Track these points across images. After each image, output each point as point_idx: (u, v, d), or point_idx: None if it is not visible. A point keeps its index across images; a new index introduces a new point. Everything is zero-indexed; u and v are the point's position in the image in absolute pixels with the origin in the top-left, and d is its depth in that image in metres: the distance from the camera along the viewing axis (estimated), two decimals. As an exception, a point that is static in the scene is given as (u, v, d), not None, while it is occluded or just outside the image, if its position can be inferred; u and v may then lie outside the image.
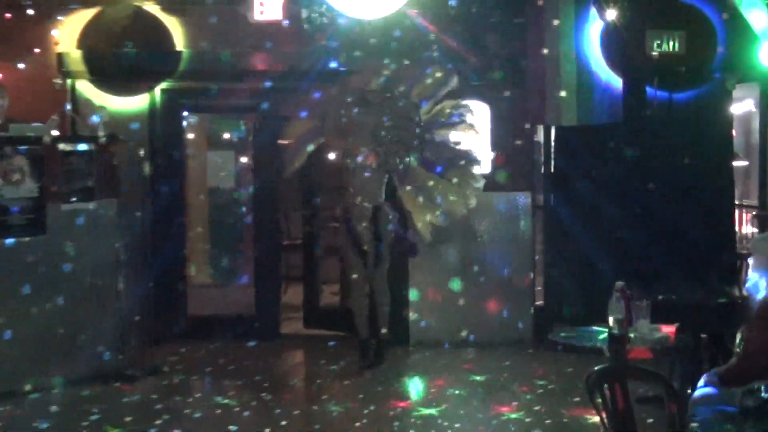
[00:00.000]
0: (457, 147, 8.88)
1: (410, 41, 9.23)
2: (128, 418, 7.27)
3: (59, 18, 9.50)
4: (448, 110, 8.89)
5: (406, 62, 8.99)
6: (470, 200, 8.83)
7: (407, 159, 8.70)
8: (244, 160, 9.47)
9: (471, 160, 8.88)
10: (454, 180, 8.78)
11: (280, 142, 9.34)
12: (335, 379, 8.41)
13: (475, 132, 8.91)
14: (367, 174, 8.53)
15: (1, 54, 9.40)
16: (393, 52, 9.19)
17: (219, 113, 9.41)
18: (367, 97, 8.79)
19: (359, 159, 8.55)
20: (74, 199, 8.08)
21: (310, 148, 9.00)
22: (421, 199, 8.74)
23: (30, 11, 9.39)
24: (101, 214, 8.26)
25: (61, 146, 8.05)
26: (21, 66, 9.42)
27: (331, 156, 9.03)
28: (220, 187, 9.93)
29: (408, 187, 8.75)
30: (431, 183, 8.77)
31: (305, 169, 9.30)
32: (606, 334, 5.71)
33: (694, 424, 4.49)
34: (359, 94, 8.79)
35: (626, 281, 5.75)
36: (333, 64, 9.22)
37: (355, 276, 8.77)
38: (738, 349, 5.14)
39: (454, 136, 8.88)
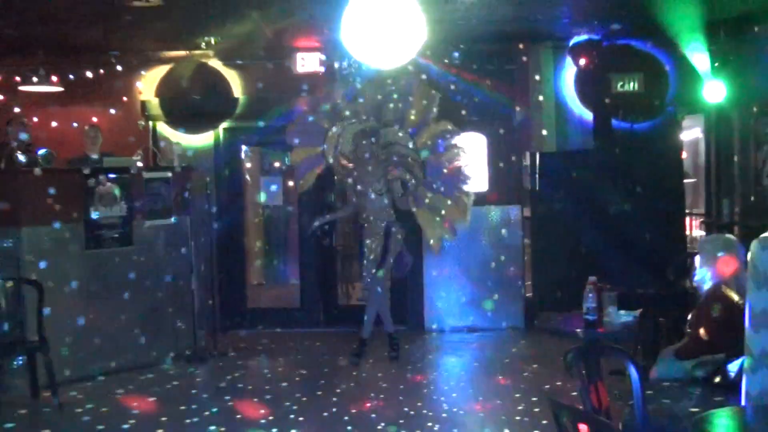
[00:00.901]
0: (451, 169, 8.42)
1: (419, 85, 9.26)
2: (201, 393, 7.34)
3: (142, 72, 9.57)
4: (438, 134, 8.37)
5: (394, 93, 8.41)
6: (467, 215, 8.44)
7: (412, 182, 8.28)
8: (290, 183, 9.49)
9: (463, 180, 8.44)
10: (449, 202, 8.35)
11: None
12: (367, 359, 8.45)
13: (464, 154, 8.39)
14: (376, 196, 8.09)
15: (97, 102, 9.50)
16: (405, 93, 9.22)
17: (269, 146, 9.45)
18: (366, 129, 8.27)
19: (366, 186, 8.10)
20: (155, 217, 8.10)
21: (316, 171, 8.57)
22: (430, 217, 8.38)
23: (119, 67, 9.46)
24: (177, 228, 8.28)
25: (145, 174, 8.08)
26: (112, 111, 9.51)
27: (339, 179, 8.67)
28: (271, 205, 9.96)
29: (419, 208, 8.34)
30: (436, 203, 8.37)
31: (330, 187, 9.27)
32: (582, 319, 5.74)
33: (649, 392, 4.50)
34: (359, 127, 8.29)
35: (597, 276, 5.78)
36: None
37: (366, 284, 8.23)
38: (689, 330, 5.14)
39: (447, 159, 8.41)
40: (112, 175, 7.77)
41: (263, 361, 8.36)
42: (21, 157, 7.70)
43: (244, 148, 9.94)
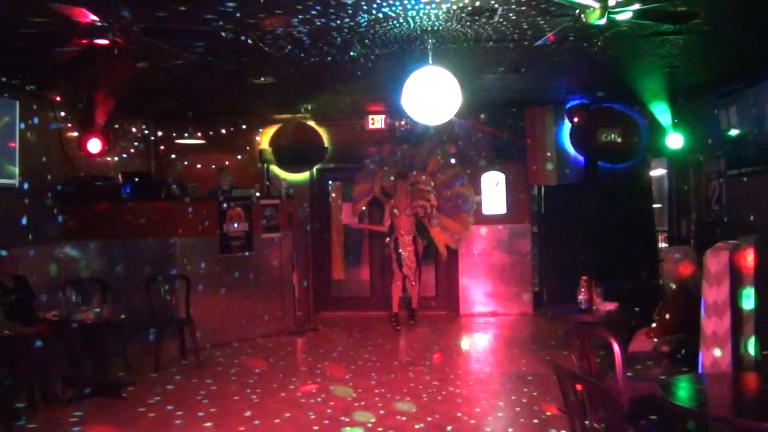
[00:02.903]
0: (458, 200, 9.05)
1: (456, 135, 9.28)
2: (301, 355, 7.41)
3: (260, 129, 9.68)
4: (448, 175, 9.06)
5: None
6: (466, 231, 9.09)
7: (429, 210, 8.90)
8: (363, 208, 9.53)
9: (466, 207, 9.04)
10: (454, 222, 9.01)
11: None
12: (414, 330, 8.44)
13: (469, 188, 9.07)
14: (406, 217, 8.72)
15: (228, 150, 9.64)
16: (447, 141, 9.29)
17: (347, 181, 9.51)
18: (401, 172, 8.98)
19: (400, 211, 8.72)
20: (268, 231, 8.18)
21: (366, 200, 9.21)
22: (439, 231, 8.98)
23: (244, 126, 9.63)
24: (283, 240, 8.34)
25: (261, 201, 8.17)
26: (239, 157, 9.68)
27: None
28: (350, 224, 10.01)
29: (433, 225, 8.98)
30: (444, 223, 9.00)
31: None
32: (576, 307, 5.65)
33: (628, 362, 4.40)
34: (399, 172, 8.98)
35: (588, 275, 5.69)
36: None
37: (396, 276, 8.81)
38: (656, 317, 5.03)
39: (456, 192, 9.05)
40: (238, 202, 7.89)
41: (343, 334, 8.38)
42: (176, 189, 7.91)
43: (330, 182, 10.03)
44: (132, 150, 9.21)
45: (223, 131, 9.62)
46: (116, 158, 8.76)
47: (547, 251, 9.37)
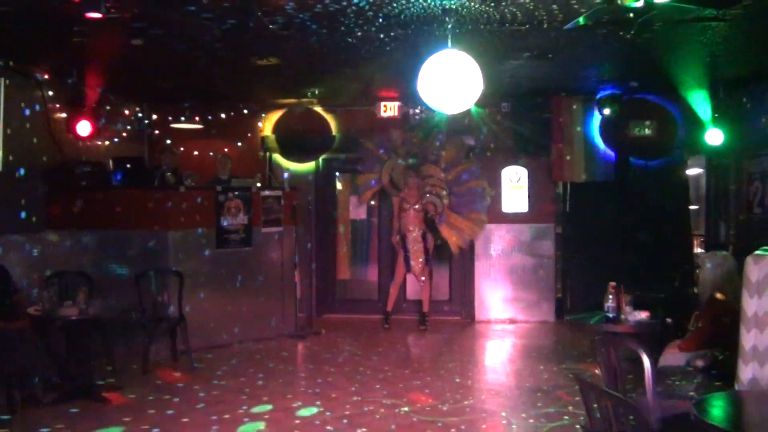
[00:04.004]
0: (471, 196, 9.05)
1: (475, 125, 9.25)
2: (300, 360, 7.42)
3: (262, 115, 9.70)
4: (463, 168, 9.05)
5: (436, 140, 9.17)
6: (480, 230, 9.11)
7: (441, 206, 8.94)
8: (372, 202, 9.54)
9: (481, 203, 9.05)
10: (466, 222, 9.02)
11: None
12: (425, 336, 8.44)
13: (483, 183, 9.06)
14: (414, 212, 8.72)
15: (228, 137, 9.69)
16: (465, 132, 9.27)
17: (355, 173, 9.50)
18: (412, 164, 9.01)
19: (410, 205, 8.75)
20: (269, 225, 8.20)
21: (373, 189, 9.30)
22: (450, 230, 9.00)
23: (245, 111, 9.65)
24: (285, 235, 8.36)
25: (262, 193, 8.17)
26: (239, 144, 9.71)
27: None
28: (357, 219, 10.01)
29: (444, 224, 9.00)
30: (455, 222, 9.00)
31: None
32: (602, 316, 5.62)
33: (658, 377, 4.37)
34: (409, 164, 9.02)
35: (616, 282, 5.66)
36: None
37: (398, 274, 8.91)
38: (691, 328, 5.00)
39: (469, 187, 9.08)
40: (237, 193, 7.90)
41: (348, 339, 8.37)
42: (170, 177, 7.93)
43: (337, 174, 10.03)
44: (124, 134, 9.24)
45: (223, 116, 9.63)
46: (107, 142, 8.79)
47: (572, 254, 9.33)
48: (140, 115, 9.63)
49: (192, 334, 6.96)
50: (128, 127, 9.35)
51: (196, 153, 9.63)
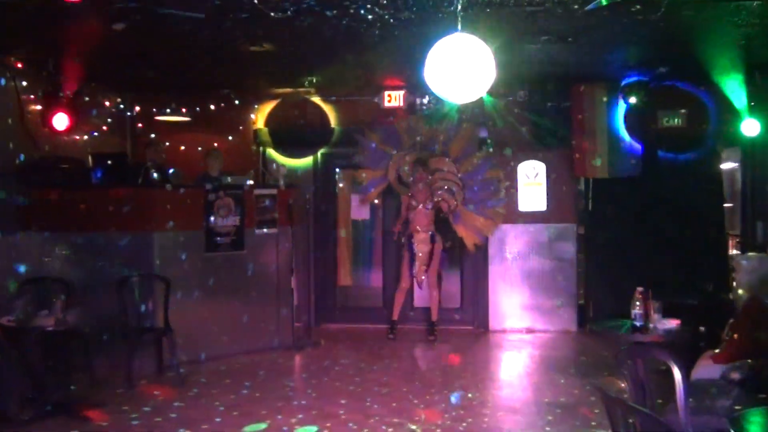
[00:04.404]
0: (486, 191, 9.03)
1: (488, 116, 9.23)
2: (297, 374, 7.42)
3: (255, 106, 9.71)
4: (476, 160, 9.03)
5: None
6: (495, 227, 9.14)
7: (454, 203, 8.92)
8: (376, 201, 9.54)
9: (496, 199, 9.03)
10: (481, 219, 9.03)
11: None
12: (434, 347, 8.45)
13: (498, 172, 9.07)
14: (425, 211, 8.74)
15: (218, 130, 9.71)
16: (477, 123, 9.26)
17: (359, 168, 9.49)
18: (420, 158, 8.96)
19: (419, 203, 8.76)
20: (263, 227, 8.20)
21: (380, 188, 9.25)
22: (467, 229, 9.01)
23: (236, 102, 9.66)
24: (280, 237, 8.34)
25: (256, 191, 8.18)
26: (230, 138, 9.72)
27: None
28: (360, 219, 10.01)
29: (459, 222, 9.00)
30: (471, 220, 9.01)
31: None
32: (629, 324, 5.62)
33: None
34: (417, 157, 8.98)
35: (644, 287, 5.65)
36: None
37: (404, 278, 8.94)
38: (726, 337, 4.99)
39: (485, 181, 9.06)
40: (228, 191, 7.91)
41: (350, 351, 8.37)
42: (155, 175, 7.94)
43: (337, 170, 10.04)
44: (104, 127, 9.27)
45: (212, 107, 9.65)
46: (86, 137, 8.81)
47: (595, 257, 9.32)
48: (122, 106, 9.64)
49: (179, 345, 6.97)
50: (109, 120, 9.38)
51: (183, 148, 9.64)
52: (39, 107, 7.80)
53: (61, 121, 7.80)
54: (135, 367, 6.75)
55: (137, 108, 9.74)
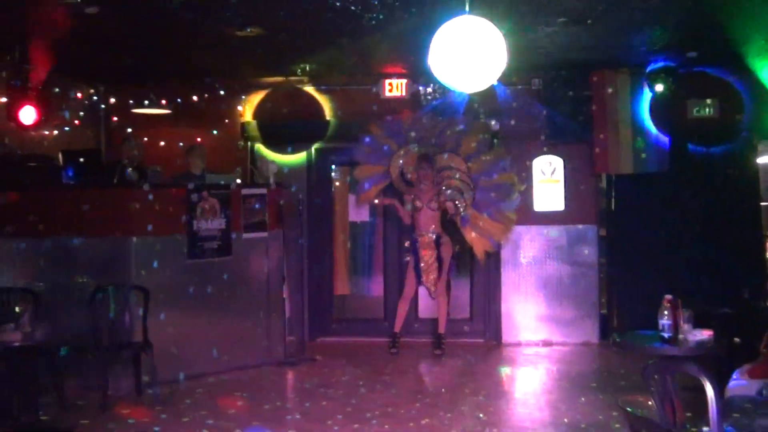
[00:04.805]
0: (498, 192, 8.93)
1: (499, 107, 9.23)
2: (292, 393, 7.41)
3: (242, 97, 9.71)
4: (489, 159, 8.95)
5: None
6: (508, 234, 9.04)
7: (463, 205, 8.83)
8: (376, 201, 9.54)
9: (507, 201, 8.92)
10: (493, 223, 8.91)
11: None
12: (442, 363, 8.44)
13: (512, 176, 8.94)
14: (430, 212, 8.73)
15: (201, 123, 9.70)
16: (487, 115, 9.27)
17: (358, 164, 9.48)
18: (426, 154, 8.90)
19: (423, 203, 8.74)
20: (251, 230, 8.18)
21: (379, 187, 9.14)
22: (475, 233, 8.90)
23: (222, 92, 9.64)
24: (271, 241, 8.35)
25: (243, 191, 8.16)
26: (215, 132, 9.71)
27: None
28: (358, 221, 10.02)
29: (468, 226, 8.89)
30: (482, 223, 8.90)
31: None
32: (657, 336, 5.60)
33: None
34: (422, 153, 8.91)
35: (673, 295, 5.63)
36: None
37: (408, 286, 8.92)
38: (764, 350, 4.97)
39: (498, 182, 8.96)
40: (213, 191, 7.89)
41: (348, 367, 8.36)
42: (132, 173, 7.94)
43: (333, 167, 10.02)
44: (76, 122, 9.27)
45: (195, 99, 9.64)
46: (55, 132, 8.81)
47: (619, 261, 9.33)
48: (96, 98, 9.65)
49: (159, 362, 6.95)
50: (81, 114, 9.37)
51: (162, 144, 9.63)
52: (3, 99, 7.79)
53: (28, 114, 7.78)
54: (110, 386, 6.73)
55: (112, 100, 9.74)
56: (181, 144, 9.33)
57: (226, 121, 9.77)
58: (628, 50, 8.25)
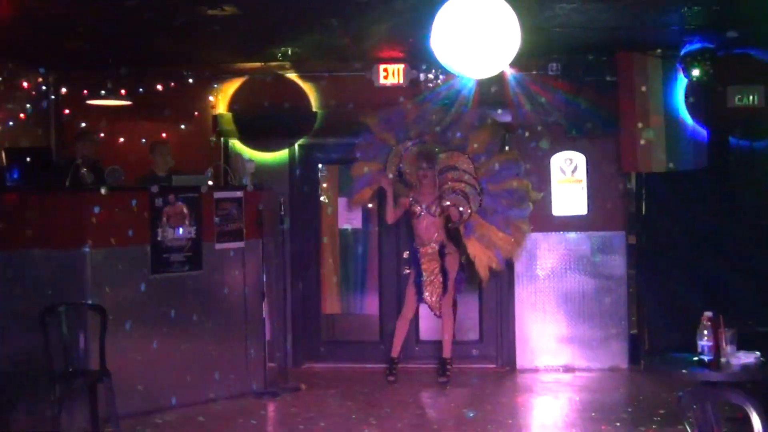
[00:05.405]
0: (509, 198, 8.85)
1: (511, 96, 9.22)
2: (274, 428, 7.40)
3: (215, 85, 9.72)
4: (497, 166, 8.87)
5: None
6: (520, 249, 8.95)
7: (468, 211, 8.77)
8: (370, 205, 9.55)
9: (519, 209, 8.85)
10: (501, 234, 8.77)
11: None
12: (446, 392, 8.43)
13: (526, 183, 8.88)
14: (431, 218, 8.70)
15: (167, 116, 9.68)
16: (497, 105, 9.31)
17: (348, 164, 9.48)
18: (426, 151, 8.87)
19: (423, 208, 8.72)
20: (226, 240, 8.16)
21: (374, 187, 9.07)
22: (480, 245, 8.81)
23: (191, 80, 9.64)
24: (248, 252, 8.34)
25: (216, 194, 8.16)
26: (182, 126, 9.69)
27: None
28: (350, 229, 10.01)
29: (471, 236, 8.82)
30: (489, 233, 8.80)
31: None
32: (695, 359, 5.60)
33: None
34: (423, 151, 8.87)
35: (714, 311, 5.64)
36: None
37: (408, 304, 8.89)
38: (819, 375, 4.98)
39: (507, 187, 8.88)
40: (181, 195, 7.89)
41: (338, 398, 8.36)
42: (87, 175, 7.92)
43: (320, 166, 10.02)
44: (22, 115, 9.25)
45: (160, 88, 9.62)
46: (-2, 127, 8.82)
47: (651, 273, 9.33)
48: (45, 88, 9.63)
49: (119, 393, 6.93)
50: (27, 106, 9.36)
51: (122, 140, 9.64)
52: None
53: (-35, 107, 7.79)
54: (63, 421, 6.70)
55: (64, 90, 9.72)
56: (143, 140, 9.33)
57: (196, 113, 9.76)
58: (659, 29, 8.27)
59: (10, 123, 9.02)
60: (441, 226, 8.79)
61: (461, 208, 8.77)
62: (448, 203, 8.77)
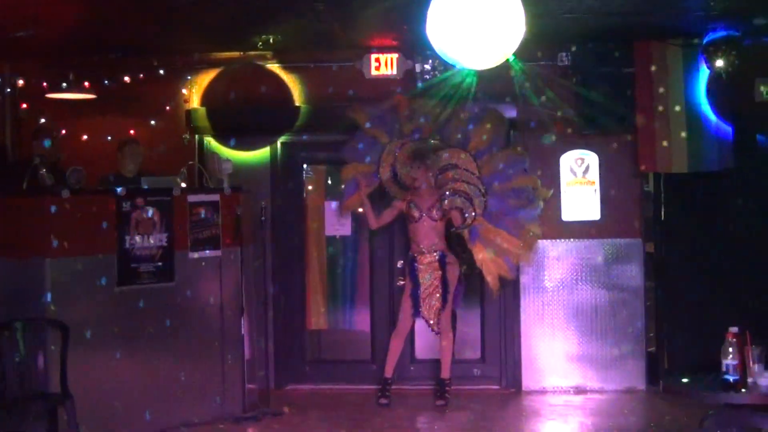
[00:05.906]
0: (516, 198, 8.93)
1: (516, 89, 9.23)
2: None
3: (188, 77, 9.72)
4: (501, 163, 8.95)
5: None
6: (530, 254, 8.97)
7: (472, 214, 8.78)
8: (361, 210, 9.54)
9: (527, 210, 8.92)
10: (510, 238, 8.83)
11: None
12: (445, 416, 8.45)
13: (539, 182, 8.98)
14: (430, 223, 8.69)
15: (135, 111, 9.69)
16: (501, 98, 9.32)
17: (335, 165, 9.48)
18: (423, 149, 8.90)
19: (422, 211, 8.72)
20: (200, 248, 8.17)
21: (367, 191, 9.06)
22: (488, 251, 8.82)
23: (161, 71, 9.61)
24: (226, 262, 8.35)
25: (190, 198, 8.15)
26: (152, 122, 9.69)
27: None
28: (338, 236, 10.01)
29: (478, 241, 8.84)
30: (498, 238, 8.83)
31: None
32: (718, 379, 5.63)
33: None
34: (418, 149, 8.89)
35: (740, 327, 5.66)
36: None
37: (402, 319, 8.89)
38: None
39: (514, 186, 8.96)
40: (151, 199, 7.88)
41: (324, 422, 8.35)
42: (46, 176, 7.91)
43: (305, 166, 10.02)
44: (-27, 110, 9.26)
45: (127, 80, 9.61)
46: (-53, 124, 8.81)
47: (671, 285, 9.37)
48: (-1, 80, 9.64)
49: (83, 418, 6.93)
50: (-20, 100, 9.38)
51: (86, 138, 9.63)
52: None
53: None
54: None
55: (20, 82, 9.70)
56: (109, 138, 9.32)
57: (167, 108, 9.75)
58: (679, 15, 8.30)
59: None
60: (442, 232, 8.79)
61: (465, 212, 8.78)
62: (450, 206, 8.77)
